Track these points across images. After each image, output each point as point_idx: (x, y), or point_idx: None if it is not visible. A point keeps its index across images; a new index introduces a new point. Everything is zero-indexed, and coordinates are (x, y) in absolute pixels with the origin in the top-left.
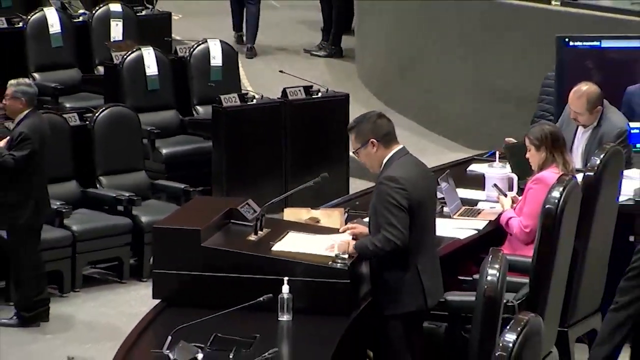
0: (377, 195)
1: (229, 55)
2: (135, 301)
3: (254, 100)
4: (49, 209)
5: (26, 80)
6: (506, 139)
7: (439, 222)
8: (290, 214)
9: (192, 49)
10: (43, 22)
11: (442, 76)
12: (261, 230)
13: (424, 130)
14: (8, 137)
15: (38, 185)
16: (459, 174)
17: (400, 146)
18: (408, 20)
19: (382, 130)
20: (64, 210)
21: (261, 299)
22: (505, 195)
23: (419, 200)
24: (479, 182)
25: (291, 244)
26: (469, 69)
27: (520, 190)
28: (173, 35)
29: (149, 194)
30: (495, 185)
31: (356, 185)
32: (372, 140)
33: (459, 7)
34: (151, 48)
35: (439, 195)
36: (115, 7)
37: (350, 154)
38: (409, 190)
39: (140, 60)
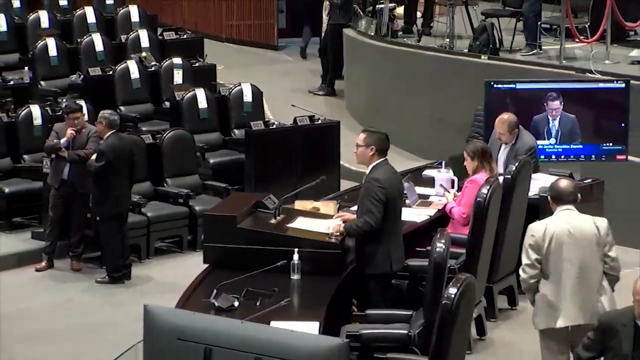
0: (364, 190)
1: (256, 94)
2: (190, 265)
3: (274, 126)
4: (127, 203)
5: (111, 110)
6: None
7: (403, 210)
8: (299, 204)
9: (230, 90)
10: (126, 71)
11: (405, 110)
12: (279, 216)
13: (393, 147)
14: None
15: (117, 186)
16: (417, 177)
17: (385, 157)
18: (381, 70)
19: (382, 145)
20: (141, 202)
21: (279, 263)
22: (449, 192)
23: (393, 195)
24: (430, 182)
25: (300, 225)
26: (425, 105)
27: (460, 188)
28: (218, 80)
29: (201, 190)
30: (441, 185)
31: (345, 184)
32: (372, 146)
33: (418, 61)
34: (202, 89)
35: None
36: (177, 60)
37: (341, 162)
38: (387, 188)
39: (194, 98)
